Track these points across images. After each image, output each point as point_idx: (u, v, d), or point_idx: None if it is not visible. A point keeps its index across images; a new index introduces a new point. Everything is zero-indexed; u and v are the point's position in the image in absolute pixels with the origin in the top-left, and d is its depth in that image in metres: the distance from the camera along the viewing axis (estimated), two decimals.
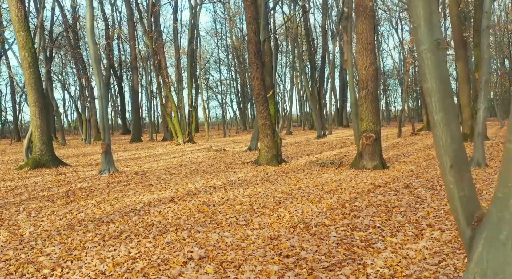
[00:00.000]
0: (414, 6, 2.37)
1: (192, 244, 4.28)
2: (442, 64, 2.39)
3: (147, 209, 5.96)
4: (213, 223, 5.04)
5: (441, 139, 2.39)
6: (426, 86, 2.39)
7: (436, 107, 2.38)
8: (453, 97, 2.42)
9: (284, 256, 3.82)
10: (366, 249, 3.92)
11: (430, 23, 2.36)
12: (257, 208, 5.73)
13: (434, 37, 2.37)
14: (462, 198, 2.40)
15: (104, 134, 10.00)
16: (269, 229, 4.67)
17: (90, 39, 9.98)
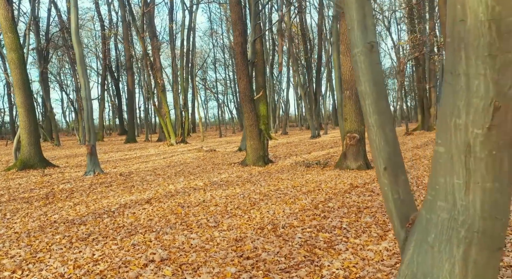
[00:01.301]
0: (348, 9, 2.38)
1: (157, 246, 4.28)
2: (375, 67, 2.39)
3: (122, 210, 5.96)
4: (183, 225, 5.04)
5: (375, 142, 2.40)
6: (360, 89, 2.40)
7: (370, 110, 2.38)
8: (387, 100, 2.42)
9: (244, 258, 3.82)
10: (327, 250, 3.92)
11: (363, 26, 2.37)
12: (230, 209, 5.73)
13: (368, 40, 2.37)
14: (396, 200, 2.40)
15: (89, 135, 10.00)
16: (237, 231, 4.67)
17: (75, 40, 9.98)
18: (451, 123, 2.07)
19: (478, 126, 1.98)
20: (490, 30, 1.90)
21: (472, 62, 1.96)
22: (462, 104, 2.02)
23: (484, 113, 1.97)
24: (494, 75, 1.94)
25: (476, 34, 1.93)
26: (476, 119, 1.98)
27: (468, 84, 1.99)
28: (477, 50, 1.94)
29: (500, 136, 1.99)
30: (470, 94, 1.99)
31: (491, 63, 1.93)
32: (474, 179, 2.03)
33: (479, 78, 1.96)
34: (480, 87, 1.96)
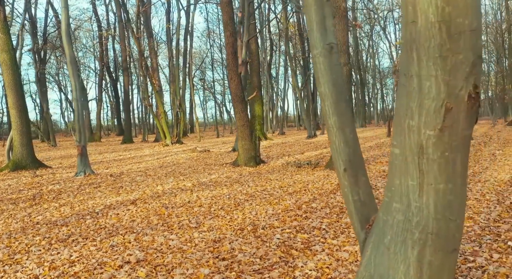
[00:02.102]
0: (307, 10, 2.37)
1: (135, 247, 4.28)
2: (335, 68, 2.39)
3: (106, 211, 5.96)
4: (164, 226, 5.04)
5: (335, 143, 2.39)
6: (320, 90, 2.40)
7: (330, 111, 2.38)
8: (347, 102, 2.42)
9: (220, 259, 3.82)
10: (303, 251, 3.92)
11: (322, 27, 2.36)
12: (214, 210, 5.73)
13: (327, 42, 2.37)
14: (356, 201, 2.40)
15: (80, 136, 10.00)
16: (217, 232, 4.67)
17: (65, 41, 9.98)
18: (404, 125, 2.06)
19: (430, 127, 1.98)
20: (440, 31, 1.90)
21: (424, 64, 1.96)
22: (415, 106, 2.01)
23: (436, 115, 1.96)
24: (445, 77, 1.94)
25: (426, 35, 1.93)
26: (428, 121, 1.98)
27: (420, 86, 1.99)
28: (428, 51, 1.94)
29: (452, 137, 1.99)
30: (422, 95, 1.99)
31: (442, 65, 1.93)
32: (427, 180, 2.03)
33: (430, 79, 1.96)
34: (432, 89, 1.96)
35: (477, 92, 2.00)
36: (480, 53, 1.97)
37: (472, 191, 6.11)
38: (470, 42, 1.92)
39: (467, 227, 4.35)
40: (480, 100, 2.03)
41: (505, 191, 5.99)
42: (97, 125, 34.27)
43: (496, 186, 6.39)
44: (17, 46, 16.64)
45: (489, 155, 10.50)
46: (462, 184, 2.07)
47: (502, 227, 4.29)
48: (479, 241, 3.89)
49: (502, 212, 4.87)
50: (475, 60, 1.95)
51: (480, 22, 1.96)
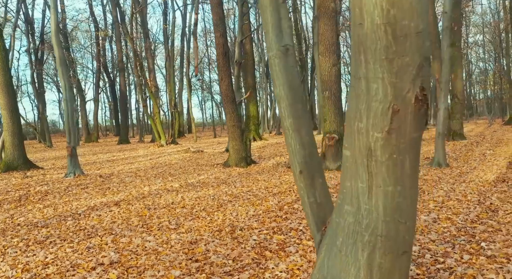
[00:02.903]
0: (263, 12, 2.37)
1: (111, 249, 4.28)
2: (291, 70, 2.39)
3: (89, 213, 5.96)
4: (144, 227, 5.04)
5: (291, 145, 2.39)
6: (276, 92, 2.40)
7: (285, 113, 2.38)
8: (304, 103, 2.41)
9: (193, 261, 3.82)
10: (277, 252, 3.91)
11: (278, 29, 2.36)
12: (196, 211, 5.73)
13: (283, 43, 2.37)
14: (312, 203, 2.40)
15: (70, 137, 9.99)
16: (195, 233, 4.67)
17: (55, 42, 9.98)
18: (354, 127, 2.06)
19: (378, 130, 1.98)
20: (386, 33, 1.90)
21: (371, 66, 1.96)
22: (363, 108, 2.01)
23: (383, 117, 1.96)
24: (392, 79, 1.94)
25: (373, 37, 1.93)
26: (376, 123, 1.98)
27: (368, 88, 1.98)
28: (375, 53, 1.93)
29: (400, 139, 1.98)
30: (369, 98, 1.99)
31: (389, 67, 1.93)
32: (376, 182, 2.03)
33: (377, 81, 1.96)
34: (379, 91, 1.96)
35: (424, 94, 1.99)
36: (428, 55, 1.97)
37: (455, 191, 6.11)
38: (416, 44, 1.92)
39: (443, 228, 4.35)
40: (428, 103, 2.02)
41: (488, 191, 5.99)
42: (94, 125, 34.23)
43: (480, 187, 6.38)
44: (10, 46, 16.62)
45: (479, 155, 10.50)
46: (412, 186, 2.07)
47: (478, 228, 4.29)
48: (453, 242, 3.89)
49: (481, 212, 4.87)
50: (421, 62, 1.94)
51: (426, 24, 1.95)
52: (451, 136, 14.54)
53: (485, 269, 3.21)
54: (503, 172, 7.66)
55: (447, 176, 7.48)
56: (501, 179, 6.92)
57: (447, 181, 6.95)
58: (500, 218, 4.59)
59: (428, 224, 4.51)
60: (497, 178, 7.04)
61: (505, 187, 6.23)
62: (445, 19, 8.68)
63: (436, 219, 4.68)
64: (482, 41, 39.32)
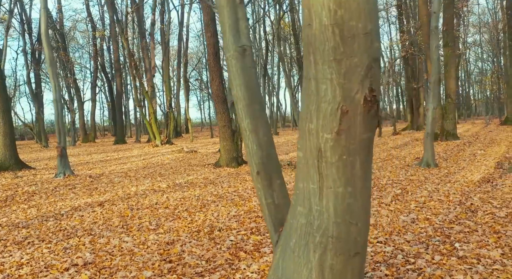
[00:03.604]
0: (220, 12, 2.37)
1: (88, 249, 4.27)
2: (248, 71, 2.38)
3: (71, 213, 5.95)
4: (124, 228, 5.03)
5: (248, 146, 2.38)
6: (233, 93, 2.39)
7: (242, 114, 2.37)
8: (261, 104, 2.41)
9: (167, 262, 3.81)
10: (252, 253, 3.91)
11: (235, 30, 2.36)
12: (178, 211, 5.72)
13: (240, 44, 2.36)
14: (270, 204, 2.39)
15: (60, 137, 9.99)
16: (173, 234, 4.66)
17: (45, 43, 9.97)
18: (305, 128, 2.06)
19: (328, 131, 1.97)
20: (334, 34, 1.89)
21: (320, 67, 1.95)
22: (313, 109, 2.01)
23: (332, 118, 1.96)
24: (340, 80, 1.93)
25: (321, 38, 1.92)
26: (325, 124, 1.98)
27: (317, 89, 1.98)
28: (323, 54, 1.93)
29: (349, 141, 1.98)
30: (319, 98, 1.98)
31: (337, 68, 1.92)
32: (326, 183, 2.02)
33: (326, 82, 1.95)
34: (328, 92, 1.95)
35: (374, 95, 1.99)
36: (376, 56, 1.96)
37: (439, 191, 6.10)
38: (364, 45, 1.91)
39: (420, 228, 4.34)
40: (378, 104, 2.01)
41: (472, 192, 5.98)
42: (91, 125, 34.23)
43: (464, 187, 6.38)
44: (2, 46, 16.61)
45: (470, 155, 10.49)
46: (363, 187, 2.06)
47: (455, 228, 4.28)
48: (428, 243, 3.89)
49: (461, 213, 4.86)
50: (370, 63, 1.94)
51: (375, 25, 1.95)
52: (444, 137, 14.54)
53: (454, 270, 3.20)
54: (490, 172, 7.66)
55: (434, 176, 7.48)
56: (486, 179, 6.91)
57: (433, 181, 6.95)
58: (479, 219, 4.58)
59: (405, 225, 4.50)
60: (482, 178, 7.04)
61: (489, 187, 6.23)
62: (433, 19, 8.67)
63: (415, 220, 4.67)
64: (479, 41, 39.28)
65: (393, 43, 25.65)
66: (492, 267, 3.23)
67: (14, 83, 42.44)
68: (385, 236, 4.14)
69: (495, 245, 3.72)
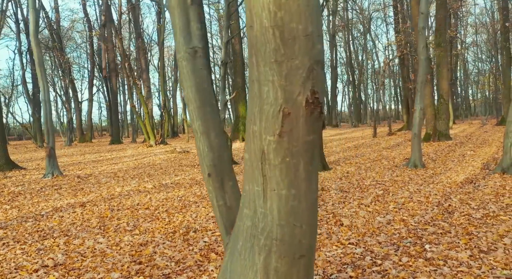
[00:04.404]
0: (171, 13, 2.36)
1: (61, 250, 4.26)
2: (199, 73, 2.37)
3: (52, 214, 5.95)
4: (101, 229, 5.02)
5: (199, 148, 2.38)
6: (184, 94, 2.38)
7: (194, 115, 2.36)
8: (213, 106, 2.40)
9: (136, 263, 3.80)
10: (222, 255, 3.90)
11: (186, 31, 2.35)
12: (158, 212, 5.72)
13: (191, 46, 2.36)
14: (221, 206, 2.39)
15: (48, 138, 9.98)
16: (148, 235, 4.65)
17: (33, 43, 9.96)
18: (250, 130, 2.05)
19: (270, 133, 1.97)
20: (274, 36, 1.89)
21: (262, 69, 1.94)
22: (256, 111, 2.00)
23: (274, 120, 1.95)
24: (281, 82, 1.92)
25: (262, 40, 1.91)
26: (268, 126, 1.97)
27: (260, 91, 1.97)
28: (265, 56, 1.92)
29: (292, 143, 1.97)
30: (261, 101, 1.97)
31: (278, 70, 1.91)
32: (270, 186, 2.01)
33: (268, 85, 1.95)
34: (270, 94, 1.94)
35: (316, 97, 1.98)
36: (319, 58, 1.96)
37: (420, 192, 6.10)
38: (305, 47, 1.90)
39: (395, 229, 4.34)
40: (321, 106, 2.00)
41: (453, 193, 5.98)
42: (88, 126, 34.23)
43: (446, 188, 6.37)
44: None
45: (459, 155, 10.48)
46: (308, 190, 2.05)
47: (429, 229, 4.27)
48: (398, 244, 3.88)
49: (437, 214, 4.85)
50: (312, 65, 1.93)
51: (317, 26, 1.94)
52: (437, 137, 14.53)
53: (419, 272, 3.20)
54: (476, 173, 7.65)
55: (419, 177, 7.47)
56: (470, 180, 6.90)
57: (416, 182, 6.94)
58: (454, 220, 4.58)
59: (380, 226, 4.49)
60: (466, 179, 7.03)
61: (471, 188, 6.22)
62: (420, 20, 8.67)
63: (391, 221, 4.66)
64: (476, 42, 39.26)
65: (390, 43, 25.61)
66: (457, 269, 3.22)
67: (12, 83, 42.43)
68: (357, 238, 4.13)
69: (465, 246, 3.71)
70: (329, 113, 43.55)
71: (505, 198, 5.42)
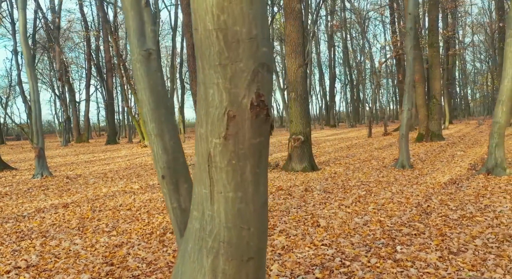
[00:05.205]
0: (125, 16, 2.36)
1: (36, 251, 4.27)
2: (153, 75, 2.38)
3: (34, 215, 5.95)
4: (80, 230, 5.03)
5: (154, 150, 2.38)
6: (138, 97, 2.38)
7: (148, 118, 2.37)
8: (168, 109, 2.40)
9: (108, 264, 3.80)
10: None
11: (140, 33, 2.35)
12: (139, 213, 5.72)
13: (144, 48, 2.36)
14: (176, 209, 2.39)
15: (37, 138, 9.98)
16: (124, 236, 4.65)
17: (22, 43, 9.96)
18: (197, 133, 2.05)
19: (216, 135, 1.97)
20: (218, 39, 1.89)
21: (207, 72, 1.94)
22: (203, 114, 2.00)
23: (220, 123, 1.95)
24: (226, 85, 1.92)
25: (206, 43, 1.92)
26: (213, 129, 1.97)
27: (206, 94, 1.97)
28: (209, 59, 1.92)
29: (238, 145, 1.97)
30: (207, 103, 1.97)
31: (223, 73, 1.92)
32: (217, 188, 2.02)
33: (213, 87, 1.95)
34: (215, 97, 1.95)
35: (262, 100, 1.98)
36: (263, 61, 1.95)
37: (403, 193, 6.10)
38: (250, 50, 1.91)
39: (370, 230, 4.34)
40: (268, 109, 2.01)
41: (435, 194, 5.98)
42: (85, 126, 34.27)
43: (429, 188, 6.37)
44: None
45: (449, 156, 10.49)
46: (255, 192, 2.05)
47: (404, 230, 4.27)
48: (371, 245, 3.88)
49: (415, 215, 4.86)
50: (257, 68, 1.93)
51: (262, 30, 1.94)
52: (430, 137, 14.53)
53: (385, 273, 3.20)
54: (462, 174, 7.65)
55: (404, 178, 7.47)
56: (453, 180, 6.91)
57: (401, 183, 6.95)
58: (430, 221, 4.58)
59: (356, 227, 4.49)
60: (450, 179, 7.03)
61: (454, 189, 6.22)
62: (408, 20, 8.67)
63: (368, 222, 4.67)
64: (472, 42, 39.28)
65: (385, 44, 25.64)
66: (424, 271, 3.23)
67: (9, 83, 42.44)
68: (332, 239, 4.14)
69: (436, 247, 3.71)
70: (327, 113, 43.56)
71: (485, 199, 5.42)
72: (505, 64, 6.92)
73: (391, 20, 26.28)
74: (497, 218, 4.54)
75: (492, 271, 3.14)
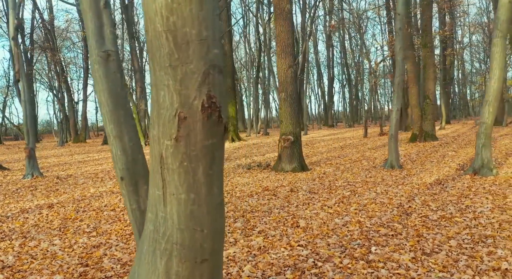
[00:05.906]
0: (84, 17, 2.36)
1: (14, 252, 4.26)
2: (112, 77, 2.37)
3: (18, 215, 5.94)
4: (61, 230, 5.02)
5: (113, 151, 2.38)
6: (97, 98, 2.38)
7: (106, 119, 2.37)
8: (127, 110, 2.40)
9: (83, 265, 3.80)
10: None
11: (98, 35, 2.35)
12: (123, 214, 5.71)
13: (103, 49, 2.35)
14: (135, 210, 2.39)
15: (28, 138, 9.98)
16: (104, 237, 4.65)
17: (12, 43, 9.96)
18: (151, 134, 2.05)
19: (167, 137, 1.96)
20: (168, 41, 1.89)
21: (158, 73, 1.94)
22: (155, 116, 2.00)
23: (171, 125, 1.95)
24: (177, 86, 1.92)
25: (156, 45, 1.91)
26: (165, 131, 1.97)
27: (157, 95, 1.97)
28: (160, 61, 1.92)
29: (190, 147, 1.97)
30: (159, 105, 1.97)
31: (173, 74, 1.91)
32: (169, 190, 2.01)
33: (164, 89, 1.94)
34: (166, 98, 1.94)
35: (213, 102, 1.98)
36: (215, 63, 1.95)
37: (387, 194, 6.10)
38: (200, 51, 1.91)
39: (348, 231, 4.33)
40: (220, 111, 2.00)
41: (418, 194, 5.97)
42: (82, 126, 34.27)
43: (414, 189, 6.37)
44: None
45: (440, 156, 10.48)
46: (208, 194, 2.05)
47: (381, 231, 4.27)
48: (346, 246, 3.88)
49: (395, 216, 4.85)
50: (207, 69, 1.93)
51: (213, 31, 1.94)
52: (423, 138, 14.53)
53: (355, 275, 3.20)
54: (450, 174, 7.65)
55: (391, 178, 7.47)
56: (439, 181, 6.90)
57: (387, 183, 6.94)
58: (409, 221, 4.58)
59: (336, 227, 4.49)
60: (436, 180, 7.03)
61: (439, 189, 6.22)
62: (397, 21, 8.66)
63: (347, 223, 4.66)
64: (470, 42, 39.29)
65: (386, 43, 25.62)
66: (395, 271, 3.22)
67: (8, 83, 42.45)
68: (309, 239, 4.13)
69: (410, 248, 3.71)
70: (325, 113, 43.57)
71: (467, 200, 5.42)
72: (492, 64, 6.92)
73: (388, 20, 26.29)
74: (476, 218, 4.54)
75: (462, 272, 3.14)
